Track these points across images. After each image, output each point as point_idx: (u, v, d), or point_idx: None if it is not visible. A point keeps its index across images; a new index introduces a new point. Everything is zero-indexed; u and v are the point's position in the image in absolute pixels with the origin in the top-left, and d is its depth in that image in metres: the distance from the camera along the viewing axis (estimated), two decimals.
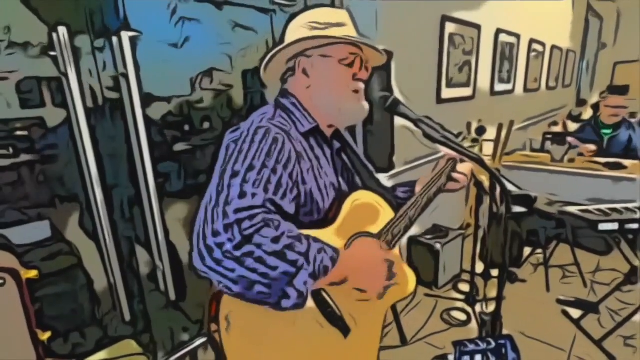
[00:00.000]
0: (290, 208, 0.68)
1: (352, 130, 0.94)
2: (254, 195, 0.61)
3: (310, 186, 0.74)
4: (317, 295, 0.73)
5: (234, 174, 0.63)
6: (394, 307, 1.96)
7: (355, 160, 0.88)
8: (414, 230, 2.47)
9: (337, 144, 0.86)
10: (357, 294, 0.77)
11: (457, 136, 0.90)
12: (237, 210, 0.58)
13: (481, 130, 0.99)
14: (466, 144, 0.96)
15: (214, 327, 0.68)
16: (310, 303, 0.71)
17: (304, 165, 0.73)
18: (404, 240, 0.89)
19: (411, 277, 0.88)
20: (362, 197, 0.81)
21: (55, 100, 1.24)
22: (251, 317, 0.67)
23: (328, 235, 0.74)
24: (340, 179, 0.83)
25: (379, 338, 0.82)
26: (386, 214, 0.84)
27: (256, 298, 0.59)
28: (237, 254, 0.56)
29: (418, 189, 0.94)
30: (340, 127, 0.87)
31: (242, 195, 0.60)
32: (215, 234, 0.57)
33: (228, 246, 0.56)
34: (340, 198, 0.79)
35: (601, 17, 6.29)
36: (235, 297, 0.60)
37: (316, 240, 0.65)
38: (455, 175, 0.92)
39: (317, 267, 0.61)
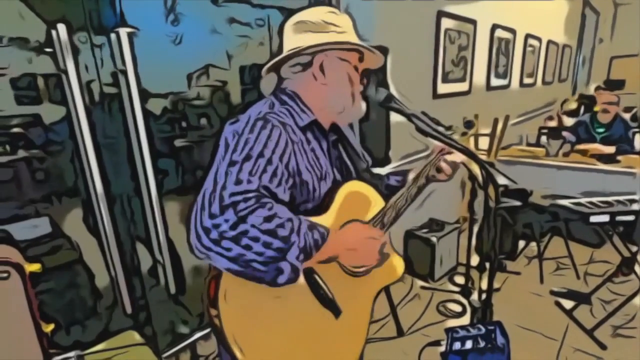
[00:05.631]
0: (284, 196, 0.71)
1: (349, 124, 0.98)
2: (249, 181, 0.65)
3: (305, 177, 0.77)
4: (310, 278, 0.77)
5: (232, 163, 0.66)
6: (390, 300, 2.00)
7: (351, 151, 0.91)
8: (410, 224, 2.50)
9: (333, 136, 0.89)
10: (348, 274, 0.82)
11: (448, 128, 0.93)
12: (232, 194, 0.62)
13: (469, 125, 1.01)
14: (456, 136, 0.98)
15: (213, 312, 0.71)
16: (304, 284, 0.76)
17: (300, 157, 0.76)
18: (399, 231, 0.92)
19: (399, 264, 0.93)
20: (354, 187, 0.84)
21: (52, 97, 1.25)
22: (247, 295, 0.70)
23: (321, 222, 0.76)
24: (335, 170, 0.86)
25: (367, 321, 0.88)
26: (377, 203, 0.88)
27: (254, 275, 0.63)
28: (233, 233, 0.60)
29: (410, 178, 0.97)
30: (340, 124, 0.90)
31: (238, 182, 0.64)
32: (212, 216, 0.61)
33: (224, 226, 0.60)
34: (334, 188, 0.82)
35: (598, 11, 6.29)
36: (234, 275, 0.64)
37: (307, 219, 0.69)
38: (441, 164, 0.94)
39: (308, 243, 0.66)
